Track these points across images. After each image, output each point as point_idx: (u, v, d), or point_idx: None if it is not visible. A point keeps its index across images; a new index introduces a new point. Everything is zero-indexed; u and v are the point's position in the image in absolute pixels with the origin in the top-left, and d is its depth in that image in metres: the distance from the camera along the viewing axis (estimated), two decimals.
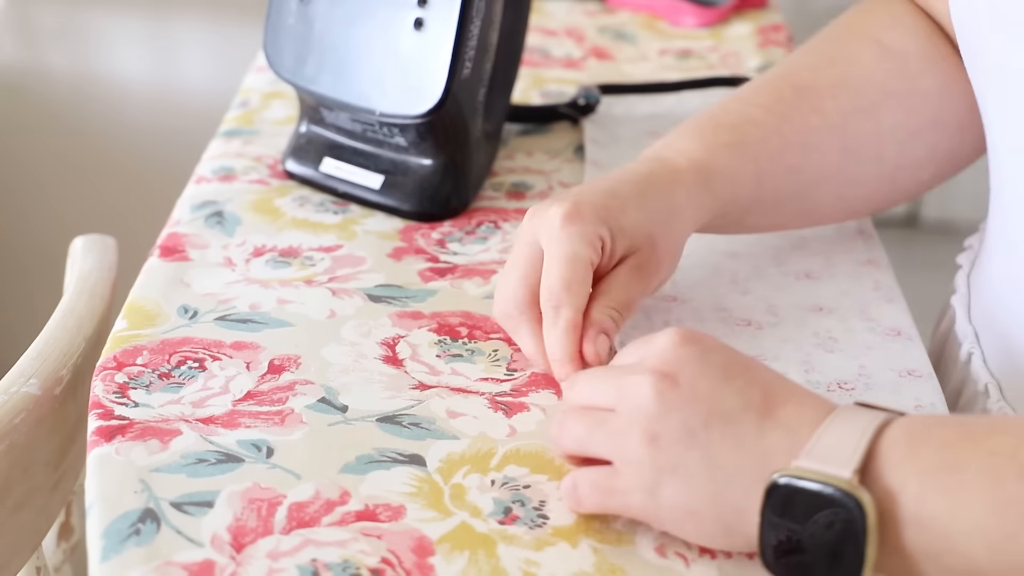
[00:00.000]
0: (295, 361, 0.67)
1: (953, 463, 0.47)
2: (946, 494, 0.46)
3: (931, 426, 0.49)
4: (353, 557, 0.53)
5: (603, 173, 0.88)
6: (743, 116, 0.72)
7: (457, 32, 0.77)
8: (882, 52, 0.72)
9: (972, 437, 0.48)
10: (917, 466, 0.47)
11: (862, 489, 0.47)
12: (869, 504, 0.47)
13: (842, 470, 0.47)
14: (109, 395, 0.64)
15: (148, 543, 0.54)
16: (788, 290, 0.75)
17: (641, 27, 1.21)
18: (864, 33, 0.75)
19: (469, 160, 0.83)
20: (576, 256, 0.62)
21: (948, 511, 0.46)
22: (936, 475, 0.47)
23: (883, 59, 0.72)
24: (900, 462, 0.48)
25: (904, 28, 0.73)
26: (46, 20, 1.69)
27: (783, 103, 0.72)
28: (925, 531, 0.47)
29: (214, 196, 0.85)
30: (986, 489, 0.46)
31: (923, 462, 0.47)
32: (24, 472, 0.71)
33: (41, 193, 1.79)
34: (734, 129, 0.71)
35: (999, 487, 0.45)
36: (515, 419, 0.63)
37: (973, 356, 0.71)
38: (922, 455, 0.48)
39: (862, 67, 0.73)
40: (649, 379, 0.52)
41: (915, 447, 0.48)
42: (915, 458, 0.48)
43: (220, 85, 1.68)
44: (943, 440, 0.48)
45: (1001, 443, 0.47)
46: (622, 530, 0.56)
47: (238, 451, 0.60)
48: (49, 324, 0.77)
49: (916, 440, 0.48)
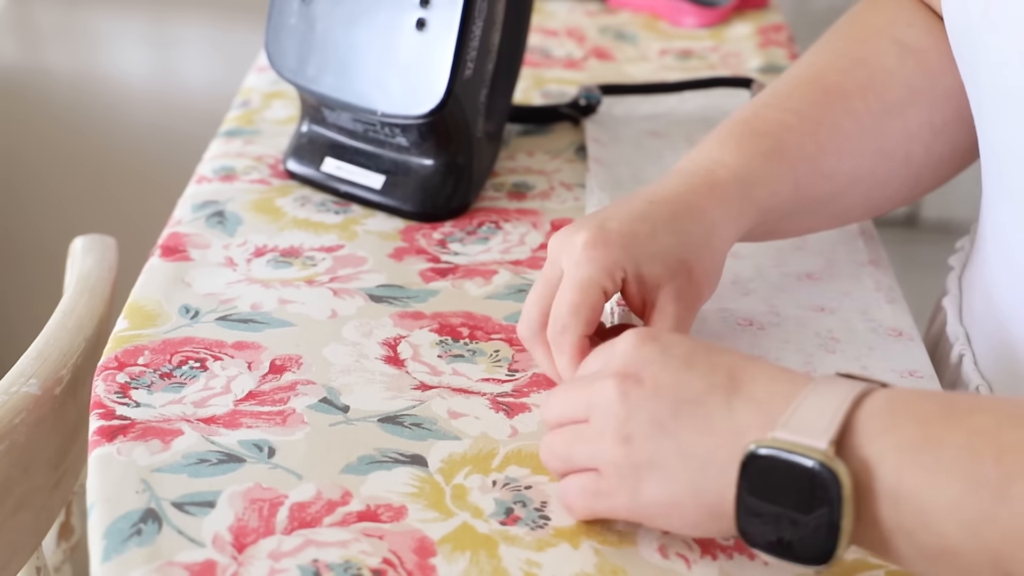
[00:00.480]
0: (296, 361, 0.67)
1: (932, 440, 0.46)
2: (923, 471, 0.46)
3: (912, 400, 0.48)
4: (354, 557, 0.53)
5: (605, 172, 0.88)
6: (779, 123, 0.71)
7: (459, 33, 0.77)
8: (903, 51, 0.72)
9: (953, 414, 0.47)
10: (895, 440, 0.47)
11: (838, 460, 0.47)
12: (845, 475, 0.46)
13: (818, 441, 0.47)
14: (111, 395, 0.64)
15: (150, 543, 0.54)
16: (789, 291, 0.75)
17: (642, 27, 1.21)
18: (882, 32, 0.74)
19: (470, 160, 0.83)
20: (589, 282, 0.61)
21: (924, 488, 0.46)
22: (914, 451, 0.46)
23: (905, 58, 0.72)
24: (878, 435, 0.47)
25: (919, 26, 0.73)
26: (46, 20, 1.69)
27: (816, 107, 0.72)
28: (900, 507, 0.46)
29: (215, 196, 0.85)
30: (964, 469, 0.45)
31: (902, 436, 0.47)
32: (24, 472, 0.71)
33: (42, 193, 1.79)
34: (771, 137, 0.70)
35: (977, 468, 0.45)
36: (516, 420, 0.63)
37: (964, 358, 0.71)
38: (901, 429, 0.47)
39: (887, 67, 0.73)
40: (612, 382, 0.53)
41: (894, 420, 0.47)
42: (894, 432, 0.47)
43: (221, 85, 1.68)
44: (923, 415, 0.47)
45: (982, 422, 0.46)
46: (624, 531, 0.56)
47: (239, 451, 0.60)
48: (49, 324, 0.77)
49: (896, 413, 0.48)
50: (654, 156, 0.92)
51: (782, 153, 0.69)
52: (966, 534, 0.45)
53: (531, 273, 0.77)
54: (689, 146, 0.94)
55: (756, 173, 0.68)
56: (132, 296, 0.73)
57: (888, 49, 0.73)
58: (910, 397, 0.49)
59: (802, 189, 0.70)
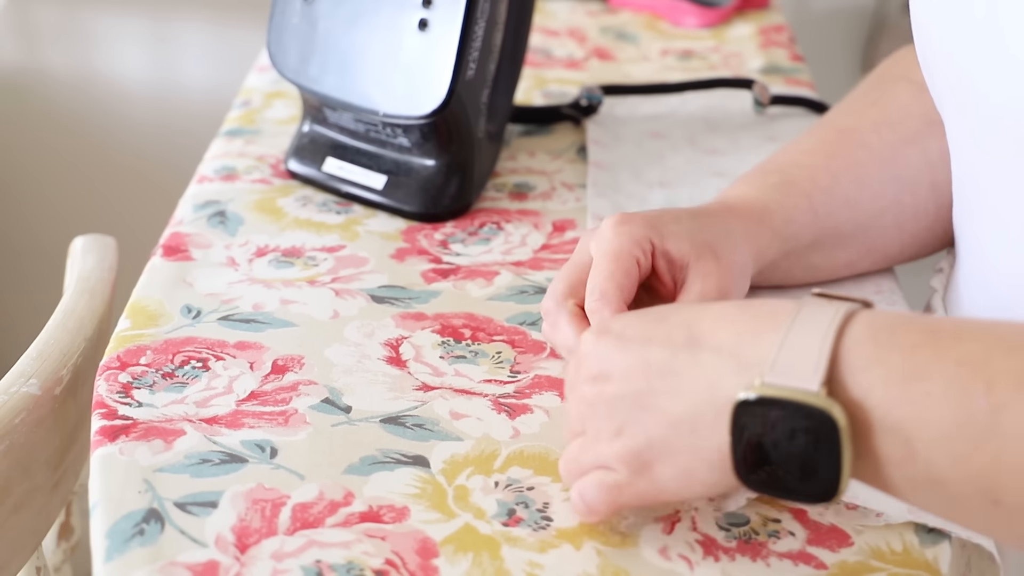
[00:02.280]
0: (298, 361, 0.67)
1: (919, 371, 0.46)
2: (911, 404, 0.45)
3: (895, 327, 0.47)
4: (357, 558, 0.53)
5: (606, 174, 0.88)
6: (788, 161, 0.73)
7: (461, 33, 0.77)
8: (917, 88, 0.73)
9: (939, 342, 0.46)
10: (882, 373, 0.46)
11: (831, 401, 0.46)
12: (841, 416, 0.46)
13: (809, 383, 0.47)
14: (113, 395, 0.64)
15: (152, 543, 0.54)
16: (791, 293, 0.75)
17: (643, 27, 1.21)
18: (897, 76, 0.76)
19: (472, 161, 0.83)
20: (621, 250, 0.63)
21: (912, 421, 0.45)
22: (901, 384, 0.46)
23: (919, 94, 0.73)
24: (864, 367, 0.47)
25: None
26: (46, 20, 1.69)
27: (827, 143, 0.73)
28: (889, 439, 0.46)
29: (216, 196, 0.85)
30: (953, 400, 0.44)
31: (888, 369, 0.46)
32: (24, 472, 0.71)
33: (41, 193, 1.79)
34: (780, 172, 0.72)
35: (967, 399, 0.44)
36: (518, 421, 0.63)
37: None
38: (886, 360, 0.46)
39: (900, 103, 0.74)
40: (585, 388, 0.54)
41: (879, 351, 0.47)
42: (879, 363, 0.46)
43: (221, 85, 1.68)
44: (908, 343, 0.47)
45: (970, 351, 0.45)
46: (626, 532, 0.56)
47: (242, 451, 0.60)
48: (49, 324, 0.77)
49: (879, 343, 0.47)
50: (655, 156, 0.92)
51: (792, 184, 0.71)
52: (956, 465, 0.45)
53: (533, 274, 0.77)
54: (690, 146, 0.95)
55: (768, 201, 0.69)
56: (134, 296, 0.73)
57: (903, 89, 0.74)
58: (894, 323, 0.48)
59: (823, 218, 0.71)
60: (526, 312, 0.73)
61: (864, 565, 0.55)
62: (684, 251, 0.64)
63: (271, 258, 0.77)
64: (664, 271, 0.64)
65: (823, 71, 1.47)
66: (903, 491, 0.47)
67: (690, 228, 0.65)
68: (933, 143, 0.72)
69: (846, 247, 0.73)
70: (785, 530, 0.57)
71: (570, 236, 0.81)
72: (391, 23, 0.79)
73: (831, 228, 0.71)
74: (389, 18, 0.79)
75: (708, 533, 0.56)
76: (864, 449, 0.47)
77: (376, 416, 0.63)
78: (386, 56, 0.79)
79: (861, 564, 0.55)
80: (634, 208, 0.84)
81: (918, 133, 0.73)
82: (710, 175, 0.90)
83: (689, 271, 0.64)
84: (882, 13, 1.67)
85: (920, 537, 0.56)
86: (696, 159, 0.93)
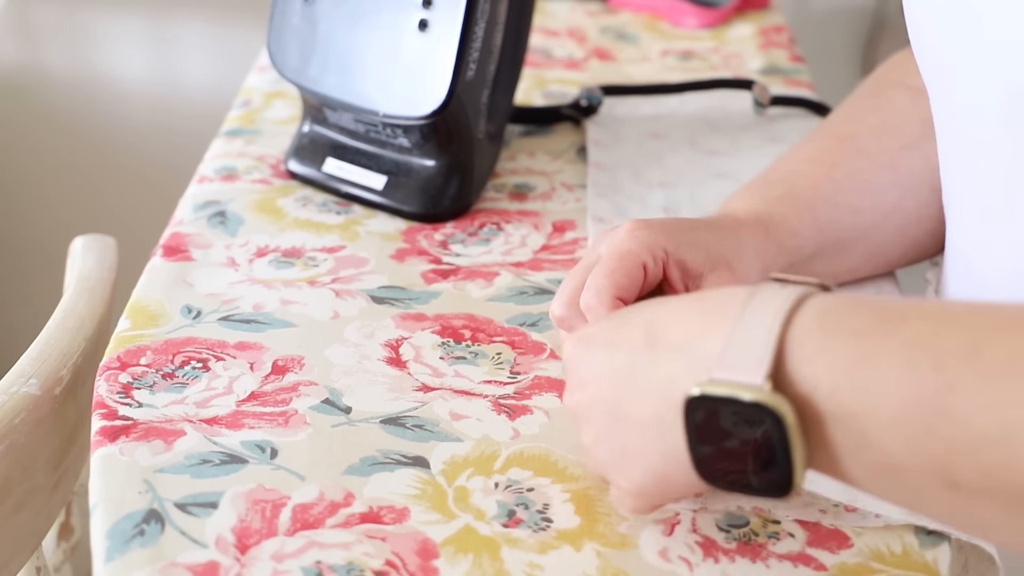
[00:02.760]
0: (299, 362, 0.67)
1: (867, 356, 0.44)
2: (860, 391, 0.44)
3: (844, 312, 0.46)
4: (357, 559, 0.53)
5: (606, 174, 0.88)
6: (790, 171, 0.73)
7: (461, 34, 0.77)
8: (915, 93, 0.73)
9: (888, 324, 0.45)
10: (828, 361, 0.45)
11: (775, 395, 0.45)
12: (786, 409, 0.45)
13: (752, 376, 0.46)
14: (113, 395, 0.64)
15: (152, 544, 0.54)
16: None
17: (643, 28, 1.21)
18: (893, 82, 0.76)
19: (472, 161, 0.83)
20: (629, 252, 0.62)
21: (863, 408, 0.44)
22: (849, 371, 0.45)
23: (917, 99, 0.73)
24: (811, 356, 0.46)
25: None
26: (46, 20, 1.69)
27: (827, 152, 0.73)
28: (841, 428, 0.45)
29: (216, 196, 0.85)
30: (902, 384, 0.43)
31: (834, 357, 0.45)
32: (24, 472, 0.71)
33: (41, 193, 1.79)
34: (783, 183, 0.72)
35: (915, 381, 0.43)
36: (518, 422, 0.63)
37: None
38: (833, 349, 0.45)
39: (899, 109, 0.74)
40: (568, 399, 0.55)
41: (826, 339, 0.46)
42: (826, 352, 0.45)
43: (221, 85, 1.68)
44: (856, 328, 0.45)
45: (918, 331, 0.44)
46: (626, 533, 0.56)
47: (242, 452, 0.60)
48: (49, 324, 0.77)
49: (827, 330, 0.46)
50: (655, 157, 0.92)
51: (796, 195, 0.71)
52: (910, 449, 0.43)
53: (532, 275, 0.77)
54: (690, 147, 0.95)
55: (773, 214, 0.70)
56: (134, 296, 0.73)
57: (900, 95, 0.74)
58: (842, 308, 0.47)
59: (826, 227, 0.71)
60: (526, 313, 0.73)
61: (864, 567, 0.55)
62: (700, 262, 0.64)
63: (271, 258, 0.77)
64: (677, 280, 0.64)
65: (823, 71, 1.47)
66: (863, 481, 0.47)
67: (707, 240, 0.65)
68: (933, 147, 0.72)
69: (848, 254, 0.73)
70: (785, 532, 0.57)
71: (570, 237, 0.81)
72: (391, 23, 0.79)
73: (833, 236, 0.72)
74: (389, 19, 0.79)
75: (708, 534, 0.56)
76: (818, 440, 0.46)
77: (376, 417, 0.63)
78: (386, 56, 0.79)
79: (861, 566, 0.55)
80: (634, 209, 0.84)
81: (918, 138, 0.73)
82: (710, 176, 0.90)
83: (704, 282, 0.64)
84: (882, 13, 1.67)
85: (920, 539, 0.56)
86: (696, 160, 0.93)
